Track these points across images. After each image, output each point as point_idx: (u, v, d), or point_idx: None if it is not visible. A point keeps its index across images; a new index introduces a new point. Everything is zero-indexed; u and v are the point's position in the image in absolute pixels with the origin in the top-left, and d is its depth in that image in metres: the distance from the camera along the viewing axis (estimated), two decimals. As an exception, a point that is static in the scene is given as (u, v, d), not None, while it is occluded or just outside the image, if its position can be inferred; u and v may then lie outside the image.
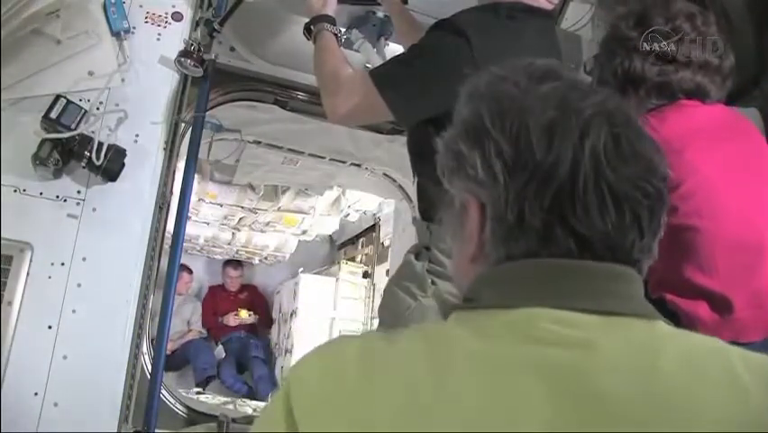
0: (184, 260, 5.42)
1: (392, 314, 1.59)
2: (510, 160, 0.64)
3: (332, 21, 1.76)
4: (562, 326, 0.60)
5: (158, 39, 2.11)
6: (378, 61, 2.11)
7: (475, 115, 0.68)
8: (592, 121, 0.64)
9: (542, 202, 0.63)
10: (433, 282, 1.54)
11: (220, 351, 5.59)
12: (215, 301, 5.87)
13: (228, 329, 5.68)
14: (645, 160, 0.66)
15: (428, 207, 1.62)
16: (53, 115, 1.84)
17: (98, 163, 1.86)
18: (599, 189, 0.63)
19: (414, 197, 1.72)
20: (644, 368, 0.59)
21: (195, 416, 2.72)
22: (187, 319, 5.62)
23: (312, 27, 1.77)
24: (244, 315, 5.72)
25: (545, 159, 0.63)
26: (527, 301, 0.62)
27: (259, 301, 6.02)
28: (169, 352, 3.61)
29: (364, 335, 0.67)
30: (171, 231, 2.19)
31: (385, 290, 1.66)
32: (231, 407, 4.10)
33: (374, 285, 5.15)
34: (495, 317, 0.63)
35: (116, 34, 2.03)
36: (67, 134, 1.84)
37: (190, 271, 5.87)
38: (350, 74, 1.63)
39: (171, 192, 2.20)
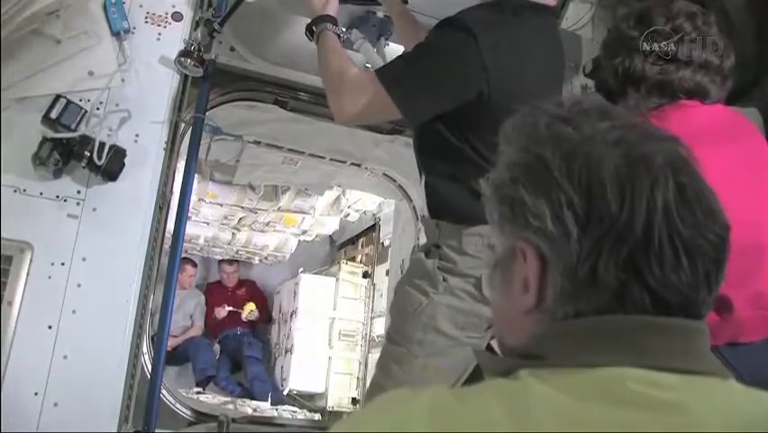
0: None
1: (403, 311, 1.60)
2: (582, 212, 0.62)
3: (334, 21, 1.76)
4: (650, 387, 0.58)
5: (158, 39, 2.11)
6: (378, 61, 2.11)
7: (537, 161, 0.65)
8: (660, 170, 0.63)
9: (617, 258, 0.61)
10: (444, 279, 1.55)
11: (217, 349, 5.57)
12: (213, 298, 5.81)
13: (225, 326, 5.63)
14: (708, 208, 0.64)
15: (438, 204, 1.63)
16: (53, 115, 1.84)
17: (99, 163, 1.86)
18: (673, 243, 0.61)
19: (417, 196, 1.73)
20: None
21: (195, 416, 2.72)
22: (189, 314, 5.57)
23: (314, 28, 1.76)
24: (250, 308, 5.62)
25: (620, 213, 0.61)
26: (611, 359, 0.60)
27: (258, 297, 5.97)
28: (169, 348, 3.60)
29: (431, 388, 0.61)
30: (171, 231, 2.19)
31: (396, 290, 1.66)
32: (231, 407, 4.11)
33: (374, 285, 5.14)
34: (577, 375, 0.59)
35: (116, 34, 2.02)
36: (68, 135, 1.84)
37: (194, 265, 5.80)
38: (356, 74, 1.63)
39: (171, 192, 2.20)
